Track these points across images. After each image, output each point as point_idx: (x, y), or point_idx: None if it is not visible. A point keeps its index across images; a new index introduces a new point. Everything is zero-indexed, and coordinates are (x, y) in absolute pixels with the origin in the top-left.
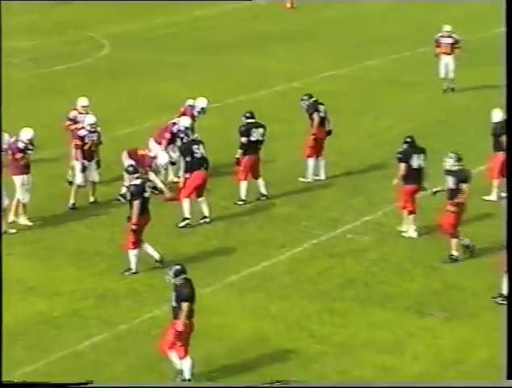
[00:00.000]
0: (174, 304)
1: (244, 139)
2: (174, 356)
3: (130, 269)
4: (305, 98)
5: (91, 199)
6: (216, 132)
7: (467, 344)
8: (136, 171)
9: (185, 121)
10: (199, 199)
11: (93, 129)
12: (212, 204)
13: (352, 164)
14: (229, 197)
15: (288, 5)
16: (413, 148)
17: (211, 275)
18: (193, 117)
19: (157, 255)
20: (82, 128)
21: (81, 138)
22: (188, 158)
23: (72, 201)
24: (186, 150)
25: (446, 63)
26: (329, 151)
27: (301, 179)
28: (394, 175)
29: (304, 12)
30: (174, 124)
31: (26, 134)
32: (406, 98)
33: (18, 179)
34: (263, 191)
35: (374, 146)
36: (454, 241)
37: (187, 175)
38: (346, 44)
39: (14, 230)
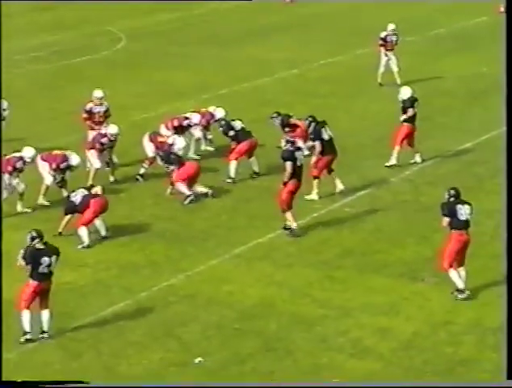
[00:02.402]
0: None
1: (231, 132)
2: (25, 316)
3: (83, 242)
4: (275, 115)
5: (111, 179)
6: None
7: (455, 306)
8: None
9: (220, 112)
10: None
11: (113, 139)
12: (221, 183)
13: (348, 144)
14: (236, 176)
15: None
16: (319, 124)
17: (220, 246)
18: (208, 124)
19: (103, 232)
20: (105, 136)
21: (102, 144)
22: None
23: (90, 183)
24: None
25: (389, 58)
26: None
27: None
28: (386, 154)
29: (301, 6)
30: (186, 118)
31: (74, 160)
32: (394, 82)
33: (44, 165)
34: (255, 169)
35: (367, 127)
36: (288, 214)
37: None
38: (339, 35)
39: (29, 210)
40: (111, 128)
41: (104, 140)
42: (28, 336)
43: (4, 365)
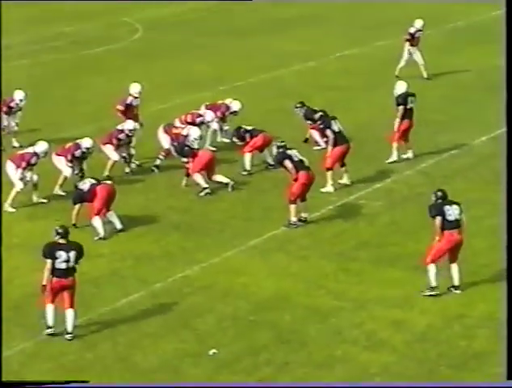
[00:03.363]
0: None
1: (246, 135)
2: (48, 310)
3: (98, 234)
4: (299, 106)
5: (127, 170)
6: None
7: (469, 300)
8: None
9: (236, 105)
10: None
11: (131, 134)
12: (237, 175)
13: (365, 136)
14: (252, 168)
15: None
16: (328, 116)
17: (236, 238)
18: (223, 116)
19: (118, 225)
20: (122, 132)
21: (119, 140)
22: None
23: (106, 173)
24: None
25: (413, 53)
26: (344, 124)
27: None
28: (402, 147)
29: None
30: (200, 115)
31: (86, 142)
32: (412, 75)
33: (60, 159)
34: (269, 161)
35: (386, 120)
36: (292, 207)
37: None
38: (356, 27)
39: (45, 200)
40: (129, 124)
41: (121, 136)
42: (51, 331)
43: (19, 355)
